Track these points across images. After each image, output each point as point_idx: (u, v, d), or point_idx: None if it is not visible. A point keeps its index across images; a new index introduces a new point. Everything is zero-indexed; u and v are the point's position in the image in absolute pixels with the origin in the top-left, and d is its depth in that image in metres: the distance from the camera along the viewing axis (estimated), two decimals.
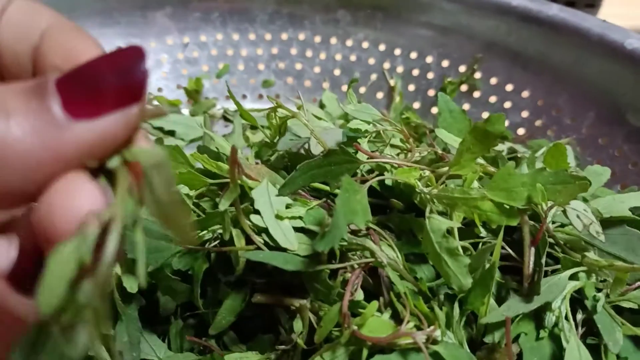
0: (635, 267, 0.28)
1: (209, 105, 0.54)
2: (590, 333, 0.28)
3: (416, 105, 0.53)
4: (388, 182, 0.33)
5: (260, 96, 0.56)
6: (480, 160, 0.33)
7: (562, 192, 0.29)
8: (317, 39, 0.55)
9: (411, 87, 0.53)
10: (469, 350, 0.27)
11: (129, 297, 0.32)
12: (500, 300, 0.30)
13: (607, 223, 0.32)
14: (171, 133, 0.50)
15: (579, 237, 0.31)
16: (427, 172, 0.33)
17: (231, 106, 0.54)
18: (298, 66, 0.55)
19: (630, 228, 0.31)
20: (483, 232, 0.31)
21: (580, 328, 0.28)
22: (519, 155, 0.43)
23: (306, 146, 0.36)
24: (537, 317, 0.28)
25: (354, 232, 0.32)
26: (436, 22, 0.52)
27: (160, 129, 0.51)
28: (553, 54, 0.47)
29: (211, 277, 0.32)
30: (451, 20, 0.51)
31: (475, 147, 0.29)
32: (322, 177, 0.32)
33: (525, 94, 0.49)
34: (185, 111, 0.54)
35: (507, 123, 0.49)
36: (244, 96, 0.55)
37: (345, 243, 0.28)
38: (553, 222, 0.32)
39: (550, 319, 0.28)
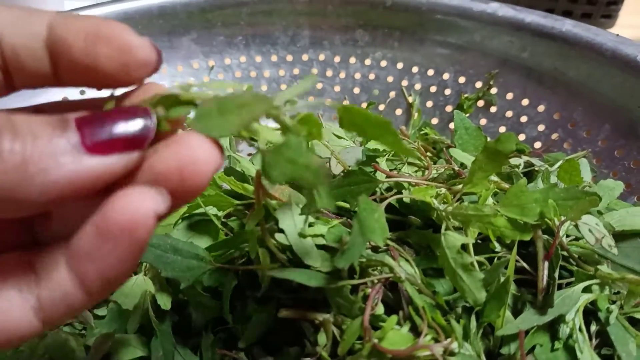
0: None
1: None
2: (604, 344, 0.29)
3: (434, 121, 0.54)
4: (406, 199, 0.34)
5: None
6: (494, 177, 0.35)
7: (574, 207, 0.30)
8: (337, 58, 0.57)
9: (429, 104, 0.55)
10: None
11: (162, 314, 0.34)
12: (516, 313, 0.31)
13: (620, 236, 0.33)
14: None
15: (592, 251, 0.32)
16: (443, 190, 0.34)
17: None
18: (319, 85, 0.57)
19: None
20: (498, 247, 0.32)
21: (594, 339, 0.29)
22: (536, 168, 0.45)
23: (327, 165, 0.38)
24: (551, 329, 0.29)
25: (375, 249, 0.34)
26: (451, 39, 0.53)
27: None
28: (567, 69, 0.48)
29: (240, 293, 0.34)
30: (466, 38, 0.52)
31: (487, 166, 0.30)
32: (342, 197, 0.34)
33: (541, 108, 0.50)
34: None
35: (523, 137, 0.50)
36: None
37: (364, 259, 0.30)
38: (567, 236, 0.34)
39: (564, 330, 0.29)
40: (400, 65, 0.56)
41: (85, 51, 0.20)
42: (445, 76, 0.54)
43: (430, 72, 0.55)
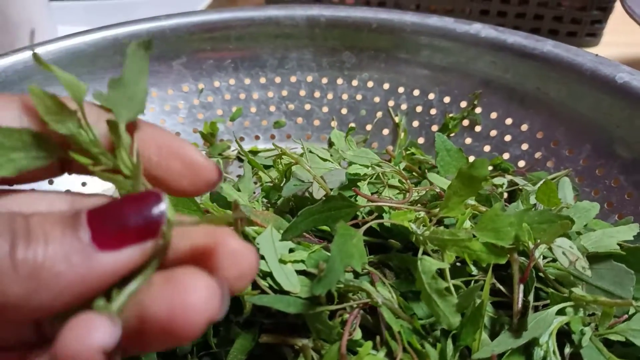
0: (618, 302, 0.29)
1: (224, 148, 0.57)
2: None
3: (421, 140, 0.55)
4: (387, 223, 0.35)
5: (273, 136, 0.58)
6: (471, 201, 0.35)
7: (547, 231, 0.30)
8: (324, 80, 0.58)
9: (415, 124, 0.56)
10: None
11: None
12: (494, 335, 0.31)
13: (595, 258, 0.33)
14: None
15: (568, 273, 0.33)
16: (422, 214, 0.35)
17: (245, 147, 0.57)
18: (307, 107, 0.58)
19: (616, 263, 0.32)
20: (474, 271, 0.33)
21: None
22: (520, 187, 0.45)
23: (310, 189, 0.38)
24: (527, 351, 0.30)
25: (356, 273, 0.34)
26: (436, 60, 0.54)
27: None
28: (549, 89, 0.49)
29: (223, 318, 0.35)
30: (450, 59, 0.53)
31: (462, 191, 0.31)
32: (323, 222, 0.34)
33: (524, 127, 0.50)
34: None
35: (507, 156, 0.51)
36: (257, 137, 0.58)
37: (342, 285, 0.31)
38: (544, 258, 0.34)
39: (538, 353, 0.29)
40: (386, 86, 0.57)
41: (159, 164, 0.22)
42: (431, 96, 0.55)
43: (416, 93, 0.56)
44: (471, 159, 0.53)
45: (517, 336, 0.29)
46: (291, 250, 0.33)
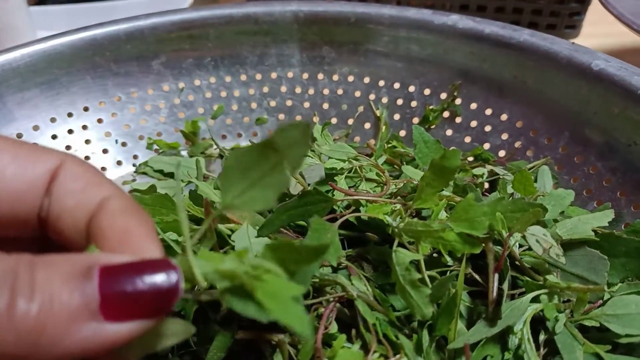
0: (590, 288, 0.29)
1: (206, 146, 0.57)
2: (555, 353, 0.30)
3: (402, 133, 0.55)
4: (364, 217, 0.35)
5: (255, 133, 0.58)
6: (446, 192, 0.35)
7: (520, 219, 0.31)
8: (305, 75, 0.58)
9: (397, 116, 0.56)
10: None
11: None
12: (471, 325, 0.32)
13: (570, 245, 0.33)
14: (170, 175, 0.53)
15: (543, 260, 0.33)
16: (398, 206, 0.35)
17: (227, 145, 0.57)
18: (288, 103, 0.58)
19: (590, 249, 0.32)
20: (450, 261, 0.33)
21: (542, 348, 0.30)
22: (500, 177, 0.45)
23: None
24: (502, 340, 0.30)
25: (335, 267, 0.34)
26: (415, 53, 0.54)
27: (160, 171, 0.54)
28: (526, 78, 0.49)
29: (203, 316, 0.35)
30: (429, 51, 0.53)
31: (435, 182, 0.31)
32: (300, 217, 0.34)
33: (503, 117, 0.51)
34: (184, 153, 0.57)
35: (488, 146, 0.51)
36: (239, 134, 0.58)
37: (317, 279, 0.31)
38: (520, 247, 0.34)
39: (513, 341, 0.29)
40: (367, 80, 0.57)
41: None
42: (411, 89, 0.55)
43: (397, 85, 0.56)
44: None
45: (492, 325, 0.30)
46: None
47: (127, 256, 0.18)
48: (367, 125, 0.57)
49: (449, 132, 0.53)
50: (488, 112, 0.51)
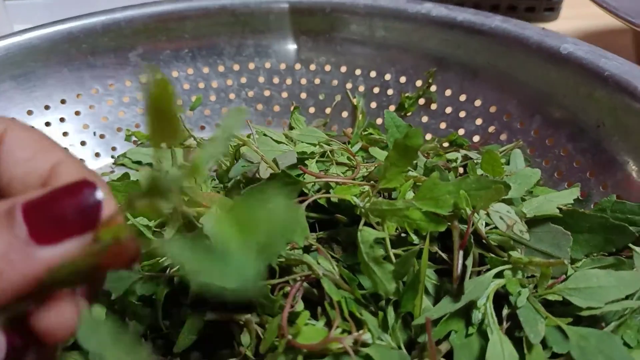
0: (551, 262, 0.30)
1: (185, 137, 0.57)
2: (518, 327, 0.30)
3: (379, 121, 0.55)
4: (333, 199, 0.35)
5: None
6: (413, 173, 0.36)
7: (483, 196, 0.31)
8: (283, 65, 0.58)
9: (373, 105, 0.56)
10: (405, 352, 0.30)
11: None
12: (438, 302, 0.32)
13: (535, 222, 0.34)
14: (150, 165, 0.54)
15: (509, 237, 0.33)
16: (367, 187, 0.35)
17: (205, 136, 0.57)
18: (267, 93, 0.58)
19: (554, 225, 0.33)
20: (416, 239, 0.33)
21: (505, 323, 0.30)
22: (475, 161, 0.46)
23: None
24: (466, 315, 0.30)
25: (307, 249, 0.35)
26: (390, 42, 0.54)
27: (139, 162, 0.54)
28: (499, 63, 0.49)
29: (174, 299, 0.35)
30: (404, 39, 0.54)
31: (399, 162, 0.32)
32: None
33: (477, 102, 0.51)
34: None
35: (463, 131, 0.52)
36: (218, 125, 0.58)
37: (283, 259, 0.31)
38: (487, 225, 0.35)
39: (476, 315, 0.30)
40: (343, 69, 0.57)
41: None
42: (387, 77, 0.55)
43: (373, 74, 0.56)
44: (428, 136, 0.53)
45: (455, 301, 0.30)
46: None
47: (45, 189, 0.19)
48: (345, 114, 0.57)
49: (425, 119, 0.54)
50: (462, 98, 0.52)
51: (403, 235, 0.35)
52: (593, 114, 0.43)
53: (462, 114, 0.52)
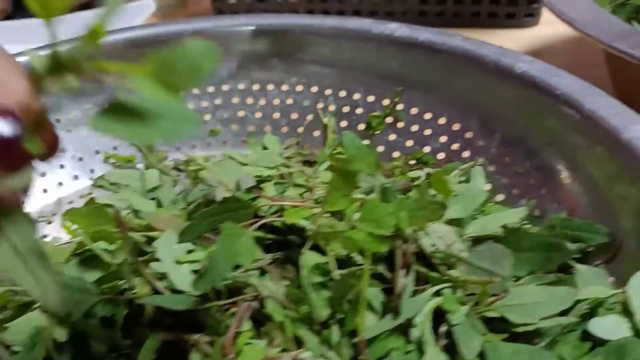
0: (486, 280, 0.31)
1: (161, 158, 0.58)
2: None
3: None
4: (278, 222, 0.37)
5: (209, 144, 0.60)
6: (359, 195, 0.37)
7: (419, 217, 0.32)
8: (256, 87, 0.60)
9: (343, 124, 0.57)
10: None
11: (60, 347, 0.36)
12: None
13: (479, 241, 0.35)
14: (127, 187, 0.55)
15: (452, 256, 0.34)
16: (317, 210, 0.36)
17: (181, 157, 0.58)
18: (241, 113, 0.60)
19: (494, 244, 0.34)
20: (362, 260, 0.34)
21: (443, 339, 0.31)
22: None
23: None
24: (406, 333, 0.31)
25: (263, 270, 0.36)
26: (358, 62, 0.56)
27: (117, 184, 0.56)
28: (460, 82, 0.51)
29: (135, 320, 0.37)
30: (370, 59, 0.55)
31: (341, 186, 0.33)
32: (222, 223, 0.36)
33: (442, 120, 0.52)
34: (140, 165, 0.58)
35: (428, 149, 0.53)
36: (194, 146, 0.60)
37: (229, 281, 0.32)
38: (433, 245, 0.36)
39: (414, 333, 0.31)
40: (314, 89, 0.58)
41: None
42: (356, 96, 0.57)
43: (342, 94, 0.57)
44: (396, 154, 0.55)
45: (395, 318, 0.31)
46: (190, 252, 0.35)
47: None
48: (317, 133, 0.59)
49: (392, 137, 0.55)
50: (428, 116, 0.53)
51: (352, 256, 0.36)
52: (545, 131, 0.44)
53: (428, 132, 0.53)
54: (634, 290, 0.32)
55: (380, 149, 0.56)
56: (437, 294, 0.32)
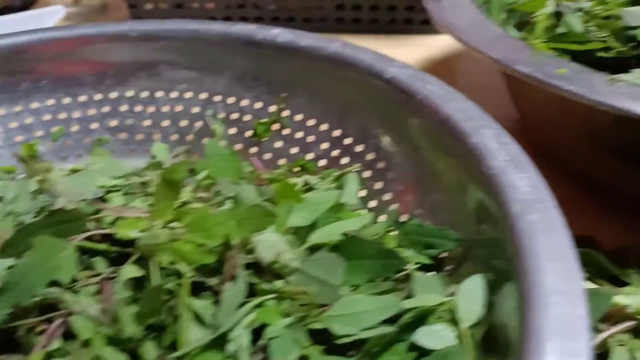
0: (305, 290, 0.30)
1: (46, 168, 0.56)
2: None
3: (239, 146, 0.56)
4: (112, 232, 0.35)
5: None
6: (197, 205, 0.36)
7: (247, 226, 0.31)
8: (144, 94, 0.58)
9: (232, 131, 0.56)
10: None
11: None
12: None
13: (315, 249, 0.34)
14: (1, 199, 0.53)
15: (289, 266, 0.33)
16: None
17: (67, 166, 0.56)
18: (129, 121, 0.58)
19: (327, 252, 0.33)
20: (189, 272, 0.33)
21: (261, 353, 0.30)
22: (312, 186, 0.46)
23: None
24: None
25: None
26: (245, 68, 0.55)
27: None
28: (340, 87, 0.50)
29: None
30: (257, 65, 0.54)
31: (166, 195, 0.32)
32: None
33: (323, 127, 0.52)
34: (23, 176, 0.56)
35: (312, 156, 0.52)
36: (80, 155, 0.58)
37: (42, 298, 0.31)
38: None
39: (230, 347, 0.30)
40: (204, 96, 0.57)
41: None
42: (244, 103, 0.56)
43: (231, 100, 0.56)
44: (283, 161, 0.54)
45: (212, 332, 0.30)
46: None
47: None
48: (206, 141, 0.57)
49: (279, 144, 0.54)
50: (311, 122, 0.52)
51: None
52: (412, 137, 0.43)
53: (311, 139, 0.52)
54: (462, 297, 0.31)
55: (268, 156, 0.55)
56: (261, 305, 0.31)
